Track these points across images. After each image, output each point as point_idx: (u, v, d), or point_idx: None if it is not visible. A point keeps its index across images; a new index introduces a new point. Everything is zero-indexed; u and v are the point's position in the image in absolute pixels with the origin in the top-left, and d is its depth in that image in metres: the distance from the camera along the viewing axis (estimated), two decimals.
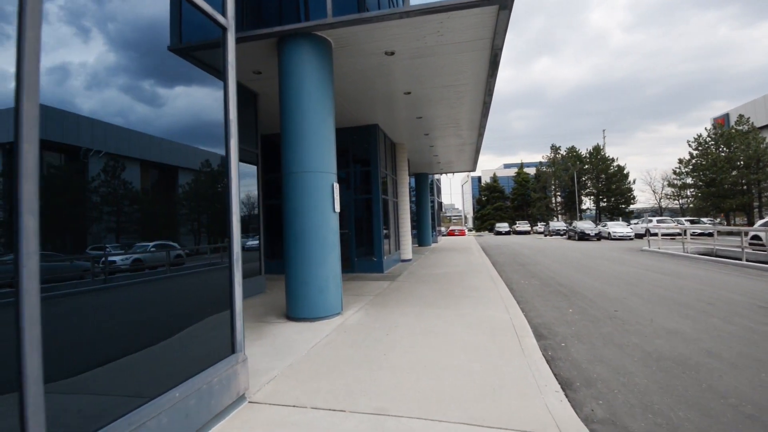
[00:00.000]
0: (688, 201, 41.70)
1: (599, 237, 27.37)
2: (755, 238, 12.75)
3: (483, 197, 67.06)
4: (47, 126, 1.79)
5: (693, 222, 28.83)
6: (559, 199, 57.74)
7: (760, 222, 14.33)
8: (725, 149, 35.41)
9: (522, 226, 47.32)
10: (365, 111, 9.76)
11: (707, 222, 30.69)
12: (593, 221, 41.69)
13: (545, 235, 38.38)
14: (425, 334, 4.63)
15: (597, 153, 52.09)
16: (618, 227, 27.98)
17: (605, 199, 50.65)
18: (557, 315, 5.97)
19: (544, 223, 49.51)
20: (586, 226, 29.06)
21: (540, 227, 47.90)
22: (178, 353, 2.57)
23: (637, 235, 28.09)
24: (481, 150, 16.79)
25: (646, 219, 31.99)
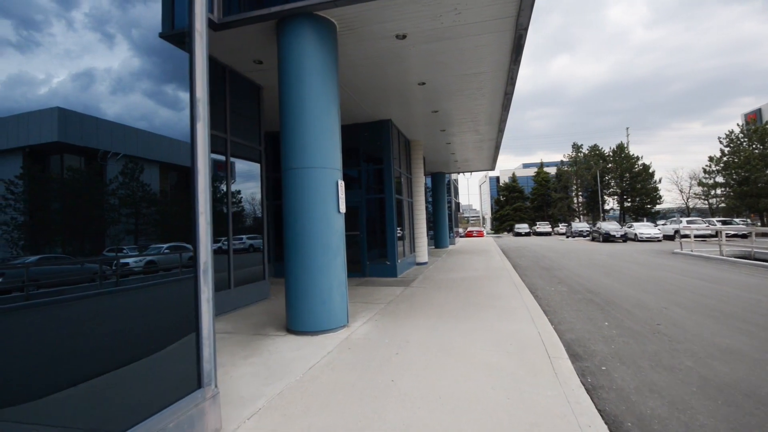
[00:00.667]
0: (718, 201, 39.70)
1: (625, 238, 26.22)
2: None
3: (502, 197, 65.63)
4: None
5: (725, 222, 27.26)
6: (581, 199, 55.92)
7: None
8: (759, 146, 33.41)
9: (543, 227, 46.00)
10: (377, 105, 9.17)
11: (740, 222, 29.00)
12: (618, 222, 40.13)
13: (567, 237, 37.19)
14: (441, 353, 4.02)
15: (621, 151, 50.18)
16: (645, 228, 26.82)
17: (629, 199, 48.76)
18: (591, 329, 5.27)
19: (565, 224, 48.04)
20: (611, 227, 27.81)
21: (561, 228, 46.51)
22: (133, 387, 2.05)
23: (666, 237, 26.77)
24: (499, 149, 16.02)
25: (676, 219, 30.52)
